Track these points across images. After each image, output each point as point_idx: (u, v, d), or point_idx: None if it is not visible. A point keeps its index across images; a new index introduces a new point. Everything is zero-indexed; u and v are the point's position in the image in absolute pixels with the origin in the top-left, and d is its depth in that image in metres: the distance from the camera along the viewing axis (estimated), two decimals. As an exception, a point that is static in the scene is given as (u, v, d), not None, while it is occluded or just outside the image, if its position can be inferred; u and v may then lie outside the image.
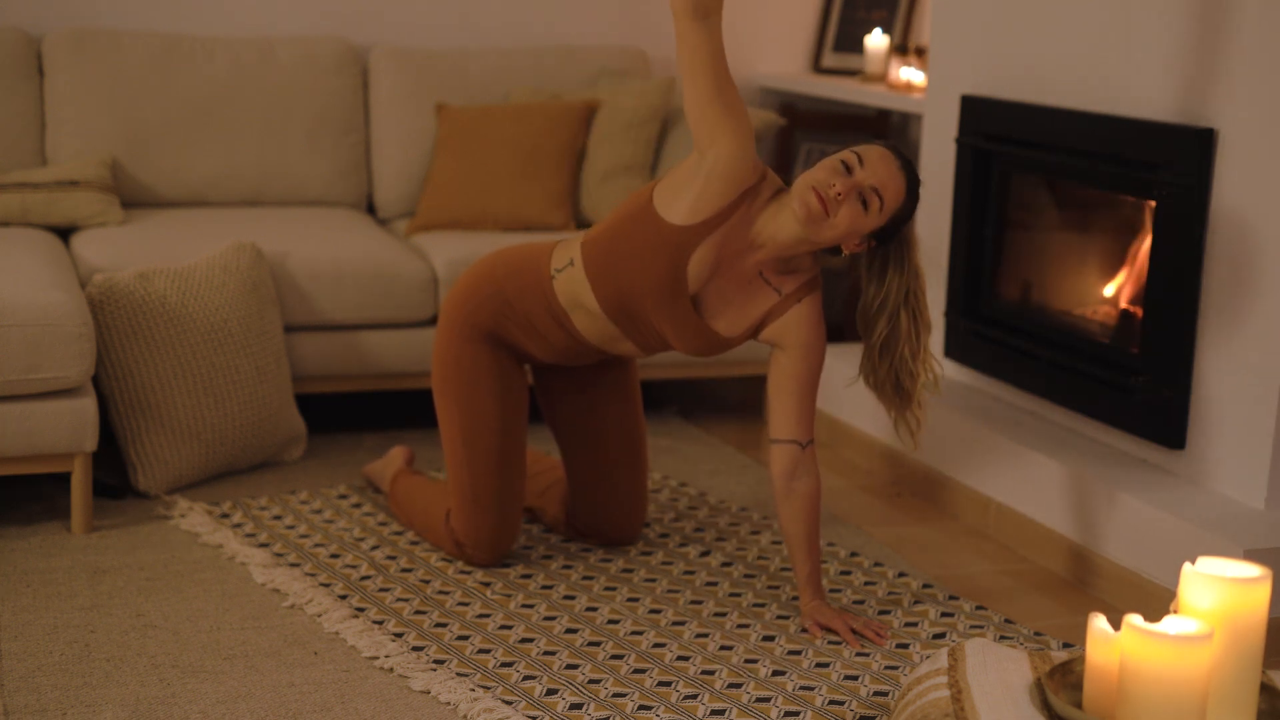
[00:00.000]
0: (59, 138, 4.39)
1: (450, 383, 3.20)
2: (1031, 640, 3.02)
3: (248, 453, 3.79)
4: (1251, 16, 3.11)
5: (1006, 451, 3.62)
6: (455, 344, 3.19)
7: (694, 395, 4.70)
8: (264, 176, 4.55)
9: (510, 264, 3.16)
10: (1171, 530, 3.14)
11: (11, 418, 3.30)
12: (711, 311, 2.99)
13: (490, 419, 3.19)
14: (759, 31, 5.31)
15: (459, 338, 3.18)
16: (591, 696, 2.71)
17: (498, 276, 3.16)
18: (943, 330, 4.12)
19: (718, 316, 3.00)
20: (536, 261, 3.12)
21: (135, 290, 3.61)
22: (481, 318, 3.16)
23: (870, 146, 2.88)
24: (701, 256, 2.91)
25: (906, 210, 2.90)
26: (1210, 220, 3.23)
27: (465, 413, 3.19)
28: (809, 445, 3.02)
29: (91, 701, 2.62)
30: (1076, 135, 3.57)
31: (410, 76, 4.67)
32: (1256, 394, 3.15)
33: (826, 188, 2.82)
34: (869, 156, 2.85)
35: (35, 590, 3.08)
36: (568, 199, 4.46)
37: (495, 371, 3.19)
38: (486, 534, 3.22)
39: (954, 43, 4.10)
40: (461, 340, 3.18)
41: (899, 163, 2.87)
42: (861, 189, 2.82)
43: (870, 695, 2.75)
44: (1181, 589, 2.18)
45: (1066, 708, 2.21)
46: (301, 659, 2.82)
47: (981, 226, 3.95)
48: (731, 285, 2.97)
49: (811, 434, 3.03)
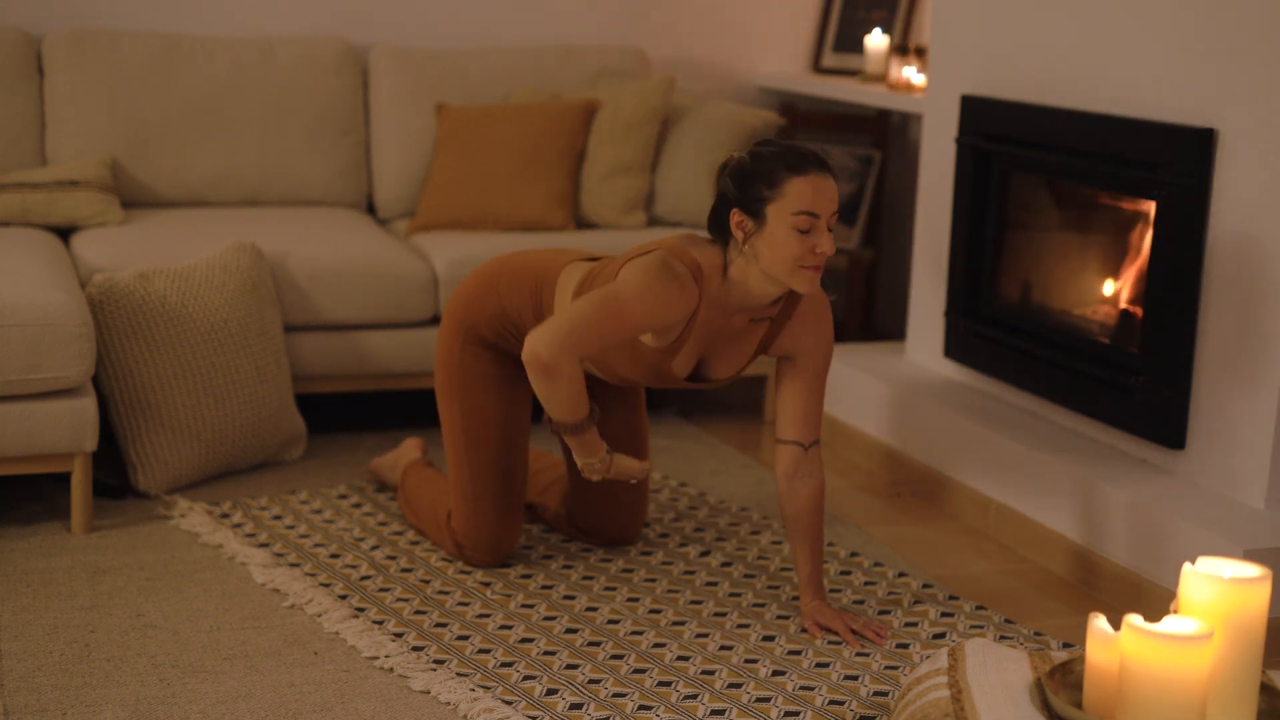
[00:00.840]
0: (59, 138, 4.39)
1: (452, 386, 3.20)
2: (1031, 640, 3.02)
3: (248, 453, 3.79)
4: (1252, 17, 3.11)
5: (1006, 451, 3.62)
6: (457, 348, 3.19)
7: (694, 395, 4.70)
8: (264, 176, 4.55)
9: (513, 279, 3.15)
10: (1171, 530, 3.14)
11: (11, 418, 3.30)
12: (710, 368, 3.04)
13: (491, 423, 3.19)
14: (759, 31, 5.31)
15: (460, 342, 3.18)
16: (591, 696, 2.71)
17: (500, 288, 3.15)
18: (943, 330, 4.12)
19: (716, 368, 3.05)
20: (539, 282, 3.10)
21: (135, 290, 3.61)
22: (481, 329, 3.16)
23: (803, 179, 2.81)
24: (684, 356, 2.97)
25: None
26: (1210, 220, 3.23)
27: (466, 416, 3.19)
28: (812, 446, 3.02)
29: (91, 701, 2.62)
30: (1076, 135, 3.57)
31: (410, 76, 4.68)
32: (1256, 394, 3.15)
33: (810, 257, 2.82)
34: (817, 196, 2.80)
35: (35, 590, 3.08)
36: (568, 199, 4.46)
37: (497, 376, 3.19)
38: (486, 536, 3.22)
39: (954, 43, 4.10)
40: (463, 344, 3.18)
41: (825, 171, 2.84)
42: (827, 224, 2.84)
43: (870, 695, 2.75)
44: (1181, 589, 2.18)
45: (1066, 708, 2.21)
46: (301, 659, 2.82)
47: (981, 226, 3.95)
48: (723, 342, 3.01)
49: (816, 435, 3.03)
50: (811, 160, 2.82)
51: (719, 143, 4.52)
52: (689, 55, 5.22)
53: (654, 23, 5.15)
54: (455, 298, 3.23)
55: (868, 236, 5.19)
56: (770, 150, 2.85)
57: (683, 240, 2.93)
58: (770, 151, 2.84)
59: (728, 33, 5.27)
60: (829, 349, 3.03)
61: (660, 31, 5.16)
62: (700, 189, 4.49)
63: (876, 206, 5.20)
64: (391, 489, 3.71)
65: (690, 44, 5.22)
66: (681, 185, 4.53)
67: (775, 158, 2.82)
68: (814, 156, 2.83)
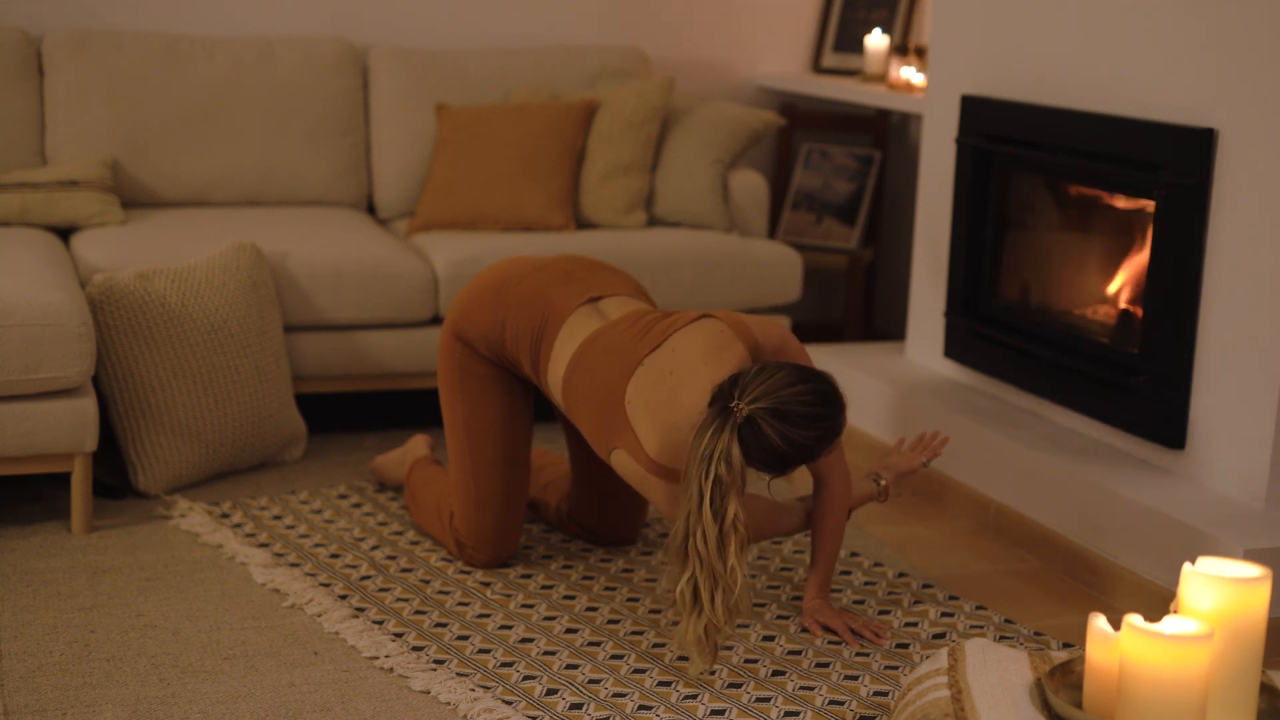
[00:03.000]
0: (59, 138, 4.39)
1: (454, 388, 3.20)
2: (1031, 640, 3.02)
3: (248, 453, 3.79)
4: (1252, 17, 3.11)
5: (1006, 451, 3.62)
6: (457, 349, 3.19)
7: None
8: (264, 177, 4.55)
9: (522, 307, 3.08)
10: (1171, 530, 3.14)
11: (11, 418, 3.30)
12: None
13: (493, 426, 3.19)
14: (759, 31, 5.31)
15: (461, 345, 3.18)
16: (591, 696, 2.71)
17: (507, 310, 3.09)
18: (943, 330, 4.12)
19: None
20: (544, 323, 3.03)
21: (135, 290, 3.61)
22: (475, 341, 3.15)
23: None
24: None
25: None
26: (1210, 220, 3.23)
27: (468, 416, 3.19)
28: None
29: (91, 701, 2.62)
30: (1076, 135, 3.57)
31: (410, 76, 4.67)
32: (1256, 394, 3.15)
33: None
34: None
35: (35, 590, 3.08)
36: (568, 199, 4.45)
37: (498, 379, 3.18)
38: (488, 536, 3.22)
39: (954, 43, 4.10)
40: (464, 348, 3.18)
41: (837, 443, 2.79)
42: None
43: (870, 695, 2.75)
44: (1181, 589, 2.18)
45: (1066, 708, 2.21)
46: (301, 659, 2.81)
47: (981, 226, 3.95)
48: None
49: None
50: (823, 448, 2.70)
51: (719, 143, 4.52)
52: (689, 55, 5.22)
53: (654, 23, 5.15)
54: (458, 303, 3.21)
55: (868, 236, 5.19)
56: (786, 446, 2.64)
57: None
58: (786, 449, 2.65)
59: (728, 33, 5.27)
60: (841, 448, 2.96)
61: (660, 31, 5.16)
62: (700, 189, 4.49)
63: (876, 206, 5.20)
64: (392, 487, 3.71)
65: (690, 44, 5.22)
66: (681, 185, 4.53)
67: (790, 457, 2.66)
68: (822, 444, 2.68)
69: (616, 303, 3.06)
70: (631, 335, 2.89)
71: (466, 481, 3.21)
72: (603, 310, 3.04)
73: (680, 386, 2.77)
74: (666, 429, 2.75)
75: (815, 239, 5.09)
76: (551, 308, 3.05)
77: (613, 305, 3.05)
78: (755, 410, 2.60)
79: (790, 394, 2.62)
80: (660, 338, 2.85)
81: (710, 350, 2.80)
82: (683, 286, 4.27)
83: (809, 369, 2.71)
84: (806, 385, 2.64)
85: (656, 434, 2.76)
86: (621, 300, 3.07)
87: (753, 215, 4.62)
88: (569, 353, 2.97)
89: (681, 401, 2.76)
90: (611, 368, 2.86)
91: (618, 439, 2.82)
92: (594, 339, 2.95)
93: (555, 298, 3.06)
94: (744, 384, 2.63)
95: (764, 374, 2.65)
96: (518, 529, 3.26)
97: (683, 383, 2.77)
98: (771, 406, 2.61)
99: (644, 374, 2.81)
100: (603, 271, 3.17)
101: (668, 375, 2.79)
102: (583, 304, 3.04)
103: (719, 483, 2.59)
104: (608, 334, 2.94)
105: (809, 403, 2.63)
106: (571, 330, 3.00)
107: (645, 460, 2.78)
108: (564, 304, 3.04)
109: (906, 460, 3.21)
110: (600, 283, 3.11)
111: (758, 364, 2.71)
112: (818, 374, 2.69)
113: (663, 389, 2.79)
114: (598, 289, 3.08)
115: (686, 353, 2.81)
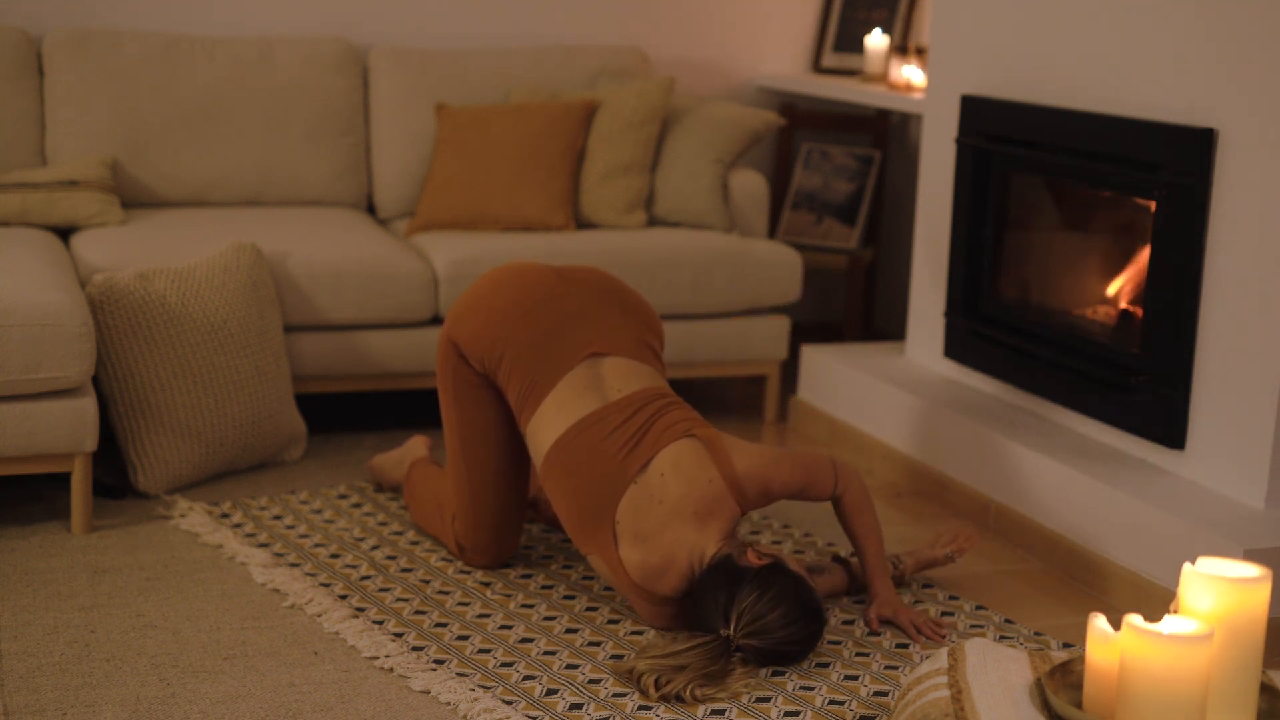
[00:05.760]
0: (59, 138, 4.39)
1: (450, 393, 3.20)
2: (1031, 640, 3.02)
3: (248, 453, 3.79)
4: (1252, 17, 3.11)
5: (1006, 451, 3.62)
6: (452, 358, 3.18)
7: (694, 395, 4.69)
8: (264, 177, 4.55)
9: (523, 352, 3.07)
10: (1171, 530, 3.14)
11: (11, 418, 3.30)
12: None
13: (489, 431, 3.18)
14: (759, 31, 5.31)
15: (456, 354, 3.17)
16: (591, 696, 2.71)
17: (512, 339, 3.07)
18: (943, 330, 4.12)
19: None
20: (536, 377, 3.04)
21: (135, 290, 3.61)
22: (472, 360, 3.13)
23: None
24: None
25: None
26: (1210, 220, 3.23)
27: (465, 423, 3.19)
28: (835, 466, 3.07)
29: (91, 701, 2.62)
30: (1076, 135, 3.57)
31: (410, 76, 4.67)
32: (1256, 394, 3.15)
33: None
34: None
35: (35, 590, 3.08)
36: (568, 199, 4.45)
37: (491, 387, 3.17)
38: (487, 538, 3.22)
39: (954, 43, 4.10)
40: (458, 357, 3.17)
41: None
42: None
43: (870, 695, 2.75)
44: (1181, 589, 2.18)
45: (1066, 708, 2.21)
46: (301, 659, 2.82)
47: (981, 226, 3.95)
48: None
49: (829, 469, 3.06)
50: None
51: (719, 143, 4.51)
52: (689, 55, 5.22)
53: (654, 23, 5.15)
54: (458, 312, 3.18)
55: (868, 236, 5.19)
56: (772, 661, 2.83)
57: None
58: (771, 662, 2.83)
59: (728, 33, 5.27)
60: (770, 457, 3.03)
61: (660, 31, 5.16)
62: (700, 189, 4.49)
63: (876, 206, 5.20)
64: (389, 488, 3.71)
65: (690, 44, 5.22)
66: (681, 185, 4.53)
67: (778, 655, 2.82)
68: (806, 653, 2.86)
69: (616, 370, 3.05)
70: (619, 444, 2.94)
71: (465, 484, 3.21)
72: (602, 376, 3.04)
73: (666, 527, 2.89)
74: (649, 567, 2.90)
75: (815, 239, 5.09)
76: (550, 361, 3.05)
77: (612, 372, 3.05)
78: (747, 644, 2.78)
79: (782, 635, 2.79)
80: (648, 454, 2.93)
81: (699, 511, 2.89)
82: (683, 286, 4.27)
83: (801, 604, 2.81)
84: (796, 627, 2.80)
85: (639, 561, 2.90)
86: (623, 366, 3.06)
87: (753, 215, 4.62)
88: (557, 428, 2.99)
89: (667, 546, 2.89)
90: (602, 480, 2.93)
91: (600, 549, 2.94)
92: (582, 429, 2.96)
93: (555, 351, 3.06)
94: (739, 611, 2.77)
95: (757, 609, 2.77)
96: (517, 532, 3.26)
97: (667, 524, 2.89)
98: (763, 647, 2.78)
99: (635, 496, 2.91)
100: (614, 312, 3.16)
101: (656, 505, 2.91)
102: (584, 359, 3.05)
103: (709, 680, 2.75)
104: (596, 431, 2.96)
105: (798, 641, 2.81)
106: (564, 396, 3.01)
107: (624, 576, 2.93)
108: (564, 359, 3.05)
109: (930, 552, 3.26)
110: (608, 331, 3.10)
111: (750, 583, 2.79)
112: (809, 612, 2.81)
113: (652, 518, 2.90)
114: (603, 341, 3.08)
115: (675, 488, 2.90)
